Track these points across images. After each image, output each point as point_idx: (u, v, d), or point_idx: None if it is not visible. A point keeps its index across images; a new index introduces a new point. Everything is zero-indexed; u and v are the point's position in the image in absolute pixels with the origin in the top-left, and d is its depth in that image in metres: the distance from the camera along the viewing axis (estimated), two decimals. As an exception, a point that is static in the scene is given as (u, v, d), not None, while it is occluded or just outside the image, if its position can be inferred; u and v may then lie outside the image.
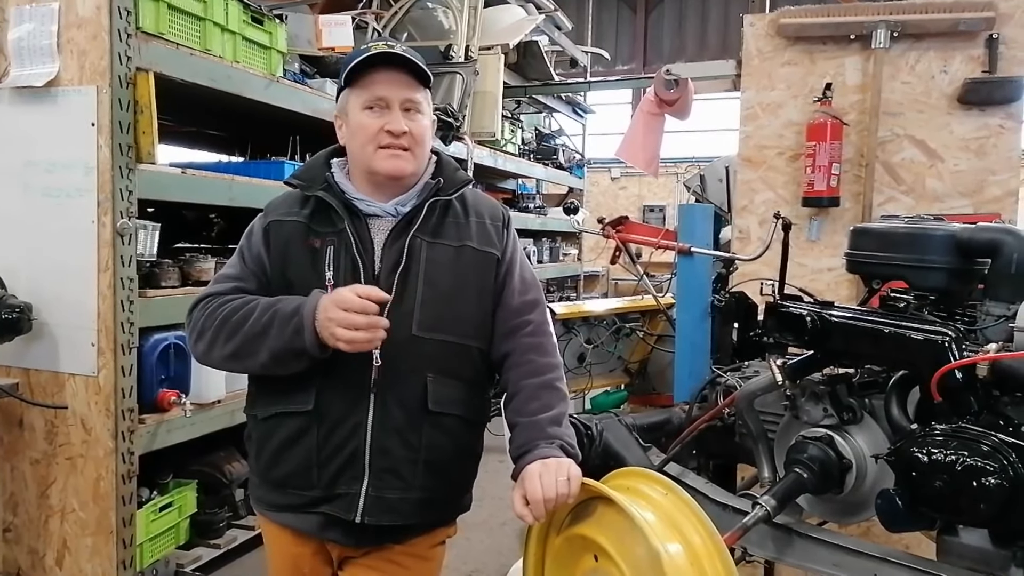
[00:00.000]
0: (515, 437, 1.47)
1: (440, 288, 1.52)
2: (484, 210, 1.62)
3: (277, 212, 1.59)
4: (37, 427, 2.71)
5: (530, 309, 1.59)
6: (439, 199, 1.56)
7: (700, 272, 2.58)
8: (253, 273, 1.56)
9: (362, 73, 1.51)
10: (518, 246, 1.65)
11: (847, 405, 1.69)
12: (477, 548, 3.62)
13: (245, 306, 1.48)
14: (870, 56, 3.10)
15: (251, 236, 1.60)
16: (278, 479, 1.54)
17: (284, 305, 1.44)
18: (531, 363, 1.53)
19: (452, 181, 1.58)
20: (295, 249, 1.54)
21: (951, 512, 1.40)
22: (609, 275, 9.45)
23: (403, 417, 1.48)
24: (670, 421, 2.26)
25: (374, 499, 1.48)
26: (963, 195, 3.06)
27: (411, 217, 1.53)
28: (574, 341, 3.46)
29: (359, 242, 1.50)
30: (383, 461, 1.48)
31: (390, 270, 1.50)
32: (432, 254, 1.52)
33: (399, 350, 1.47)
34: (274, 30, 3.29)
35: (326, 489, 1.50)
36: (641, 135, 4.16)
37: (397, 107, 1.50)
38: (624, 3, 12.22)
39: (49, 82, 2.58)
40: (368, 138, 1.50)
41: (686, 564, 1.20)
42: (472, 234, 1.57)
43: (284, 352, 1.43)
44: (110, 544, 2.63)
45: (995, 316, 1.56)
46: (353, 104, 1.53)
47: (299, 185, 1.58)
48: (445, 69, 4.54)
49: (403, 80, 1.51)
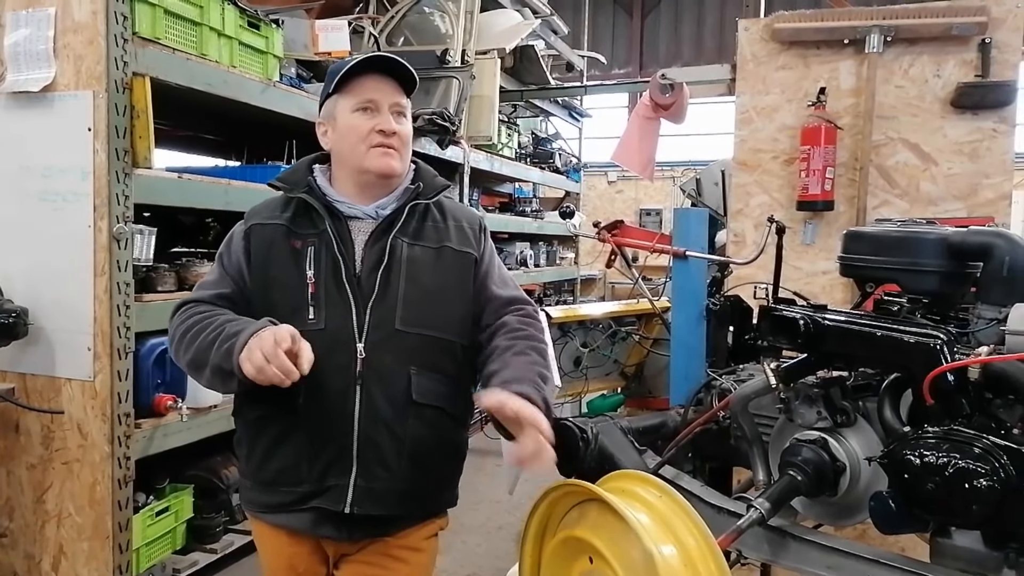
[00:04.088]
0: (501, 372, 1.48)
1: (421, 285, 1.56)
2: (462, 216, 1.69)
3: (258, 217, 1.63)
4: (33, 432, 2.71)
5: (520, 300, 1.65)
6: (419, 202, 1.61)
7: (695, 276, 2.59)
8: (232, 279, 1.60)
9: (351, 79, 1.57)
10: (495, 253, 1.72)
11: (841, 408, 1.70)
12: (475, 552, 3.62)
13: (205, 319, 1.51)
14: (864, 60, 3.12)
15: (231, 242, 1.64)
16: (269, 478, 1.57)
17: (231, 326, 1.46)
18: (524, 330, 1.58)
19: (431, 186, 1.65)
20: (277, 250, 1.58)
21: (943, 514, 1.41)
22: (606, 279, 9.46)
23: (389, 409, 1.52)
24: (665, 424, 2.27)
25: (363, 489, 1.51)
26: (957, 198, 3.07)
27: (392, 219, 1.58)
28: (570, 345, 3.47)
29: (340, 242, 1.55)
30: (371, 452, 1.52)
31: (371, 268, 1.55)
32: (413, 254, 1.57)
33: (383, 344, 1.52)
34: (270, 35, 3.31)
35: (316, 483, 1.53)
36: (637, 139, 4.18)
37: (386, 110, 1.57)
38: (620, 7, 12.25)
39: (45, 87, 2.59)
40: (360, 138, 1.55)
41: (680, 566, 1.20)
42: (451, 236, 1.63)
43: (218, 370, 1.46)
44: (106, 549, 2.63)
45: (987, 319, 1.57)
46: (342, 108, 1.58)
47: (282, 187, 1.63)
48: (441, 73, 4.55)
49: (391, 85, 1.59)
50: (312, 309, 1.52)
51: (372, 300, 1.52)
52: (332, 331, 1.51)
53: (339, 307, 1.52)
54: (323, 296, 1.53)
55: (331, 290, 1.53)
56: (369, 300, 1.52)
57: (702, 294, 2.59)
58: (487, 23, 5.22)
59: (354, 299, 1.52)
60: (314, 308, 1.52)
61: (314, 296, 1.53)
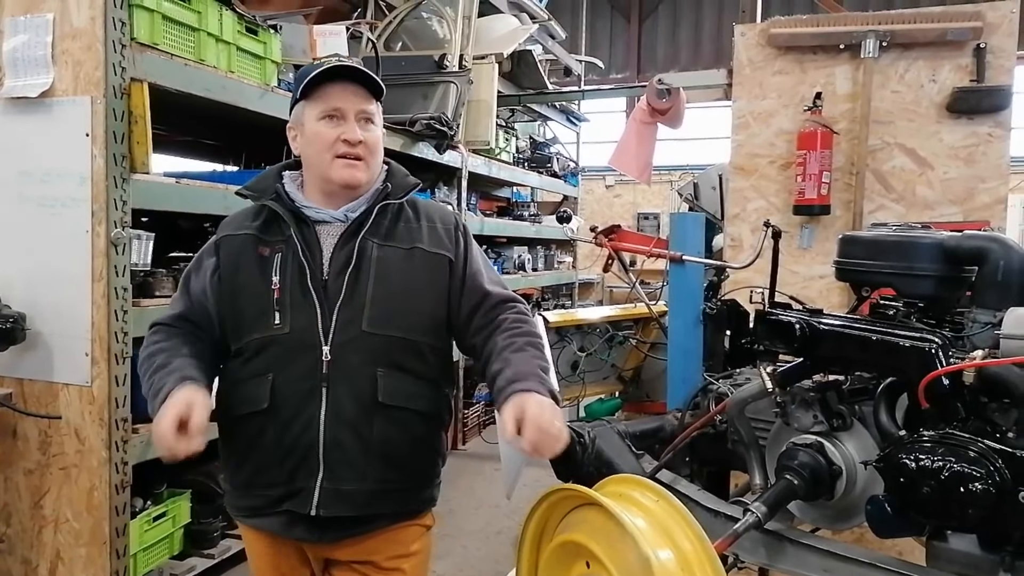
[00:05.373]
0: (505, 371, 1.48)
1: (390, 286, 1.56)
2: (435, 215, 1.68)
3: (229, 228, 1.65)
4: (31, 437, 2.71)
5: (512, 299, 1.65)
6: (388, 203, 1.61)
7: (692, 280, 2.60)
8: (193, 299, 1.63)
9: (317, 86, 1.57)
10: (478, 251, 1.70)
11: (837, 412, 1.70)
12: (474, 556, 3.61)
13: (148, 360, 1.56)
14: (860, 65, 3.13)
15: (200, 260, 1.66)
16: (244, 481, 1.60)
17: (158, 379, 1.50)
18: (520, 327, 1.58)
19: (400, 186, 1.64)
20: (245, 259, 1.59)
21: (939, 517, 1.42)
22: (604, 283, 9.47)
23: (354, 410, 1.52)
24: (663, 428, 2.27)
25: (329, 491, 1.52)
26: (953, 203, 3.08)
27: (361, 220, 1.58)
28: (567, 349, 3.47)
29: (305, 247, 1.55)
30: (336, 453, 1.52)
31: (339, 271, 1.55)
32: (382, 254, 1.57)
33: (349, 345, 1.52)
34: (268, 40, 3.31)
35: (287, 485, 1.54)
36: (634, 144, 4.19)
37: (352, 118, 1.56)
38: (618, 12, 12.28)
39: (44, 92, 2.59)
40: (325, 146, 1.55)
41: (677, 570, 1.20)
42: (423, 237, 1.62)
43: None
44: (103, 554, 2.63)
45: (982, 323, 1.58)
46: (309, 115, 1.58)
47: (249, 195, 1.64)
48: (439, 78, 4.56)
49: (357, 92, 1.58)
50: (277, 314, 1.53)
51: (339, 303, 1.53)
52: (297, 334, 1.52)
53: (304, 311, 1.53)
54: (288, 301, 1.53)
55: (296, 295, 1.54)
56: (336, 303, 1.53)
57: (699, 298, 2.59)
58: (485, 28, 5.23)
59: (319, 303, 1.53)
60: (279, 313, 1.53)
61: (279, 301, 1.54)
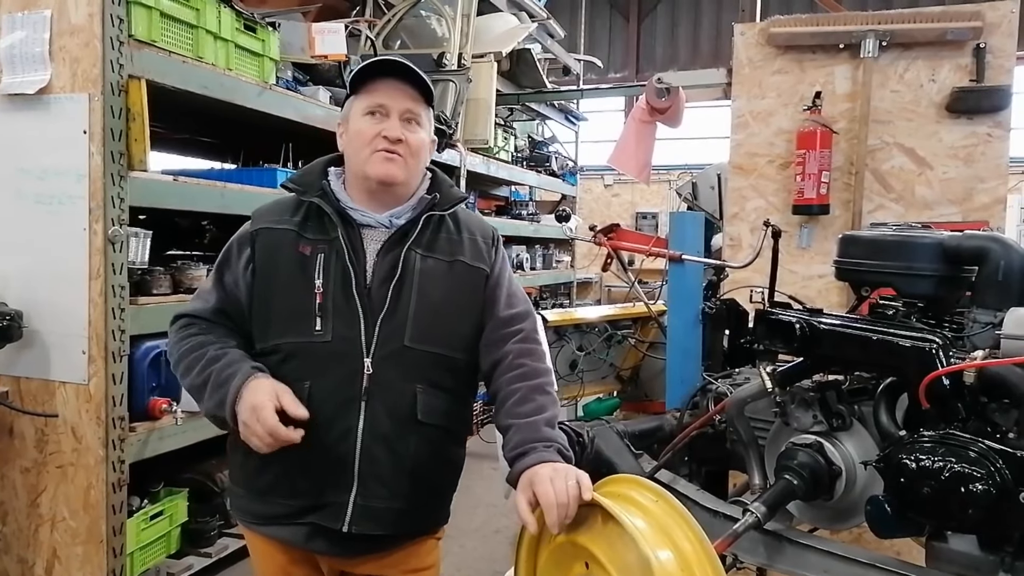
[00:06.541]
0: (510, 438, 1.46)
1: (432, 301, 1.52)
2: (475, 228, 1.64)
3: (265, 219, 1.58)
4: (27, 435, 2.70)
5: (520, 319, 1.60)
6: (435, 213, 1.57)
7: (691, 279, 2.59)
8: (228, 292, 1.56)
9: (368, 81, 1.53)
10: (507, 263, 1.68)
11: (837, 412, 1.70)
12: (471, 555, 3.61)
13: (198, 351, 1.50)
14: (859, 65, 3.13)
15: (232, 250, 1.58)
16: (263, 487, 1.53)
17: (219, 369, 1.45)
18: (523, 367, 1.54)
19: (448, 197, 1.60)
20: (284, 256, 1.53)
21: (939, 518, 1.41)
22: (602, 282, 9.47)
23: (391, 426, 1.49)
24: (661, 428, 2.27)
25: (362, 508, 1.48)
26: (952, 203, 3.08)
27: (407, 230, 1.54)
28: (566, 348, 3.46)
29: (351, 251, 1.50)
30: (371, 469, 1.48)
31: (382, 281, 1.50)
32: (426, 267, 1.53)
33: (390, 359, 1.48)
34: (267, 38, 3.30)
35: (315, 498, 1.49)
36: (633, 143, 4.19)
37: (396, 116, 1.52)
38: (617, 11, 12.28)
39: (41, 89, 2.58)
40: (364, 142, 1.51)
41: (676, 571, 1.20)
42: (465, 250, 1.58)
43: (212, 416, 1.49)
44: (100, 553, 2.62)
45: (982, 323, 1.58)
46: (355, 110, 1.54)
47: (295, 190, 1.57)
48: (438, 77, 4.54)
49: (405, 91, 1.53)
50: (319, 320, 1.47)
51: (383, 314, 1.48)
52: (338, 344, 1.47)
53: (347, 319, 1.47)
54: (331, 307, 1.48)
55: (339, 301, 1.48)
56: (379, 314, 1.47)
57: (698, 298, 2.59)
58: (484, 27, 5.22)
59: (363, 312, 1.48)
60: (321, 319, 1.47)
61: (321, 306, 1.47)
